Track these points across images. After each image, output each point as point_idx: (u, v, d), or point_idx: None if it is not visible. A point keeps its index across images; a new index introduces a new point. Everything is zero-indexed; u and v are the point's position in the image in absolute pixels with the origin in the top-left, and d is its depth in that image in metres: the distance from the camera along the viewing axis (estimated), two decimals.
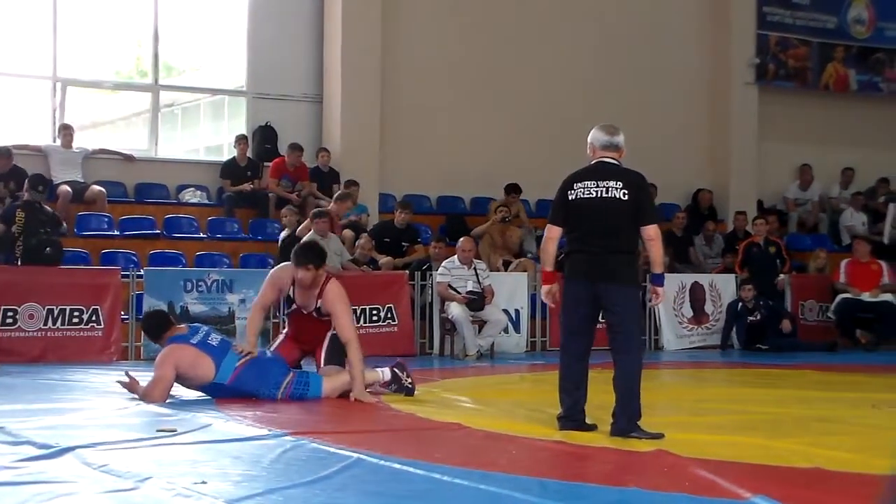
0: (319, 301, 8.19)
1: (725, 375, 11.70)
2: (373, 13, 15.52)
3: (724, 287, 14.61)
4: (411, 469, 5.08)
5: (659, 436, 6.06)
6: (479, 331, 12.61)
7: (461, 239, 12.97)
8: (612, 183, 6.34)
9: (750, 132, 17.86)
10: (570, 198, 6.44)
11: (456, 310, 12.36)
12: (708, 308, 14.47)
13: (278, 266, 8.77)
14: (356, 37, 15.41)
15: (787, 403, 7.94)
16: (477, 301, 12.48)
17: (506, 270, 13.91)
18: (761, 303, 14.09)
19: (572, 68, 16.90)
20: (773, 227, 15.84)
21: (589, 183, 6.40)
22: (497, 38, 16.55)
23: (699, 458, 5.33)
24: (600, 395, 6.57)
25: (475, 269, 12.65)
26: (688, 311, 14.36)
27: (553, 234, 6.55)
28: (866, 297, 14.42)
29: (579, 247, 6.42)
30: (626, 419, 6.20)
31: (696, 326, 14.40)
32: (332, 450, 5.58)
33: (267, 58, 15.58)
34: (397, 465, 5.17)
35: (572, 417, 6.41)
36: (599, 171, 6.45)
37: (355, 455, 5.38)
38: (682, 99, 17.77)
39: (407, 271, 13.14)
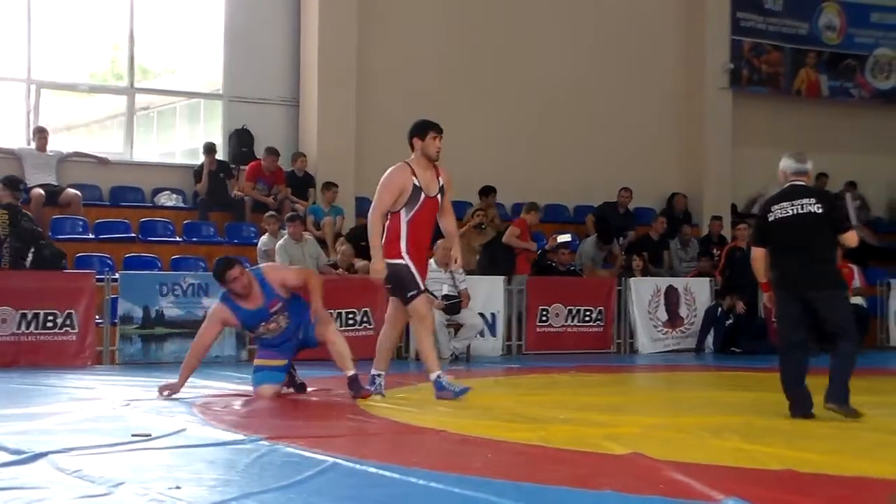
0: (441, 179, 8.26)
1: (700, 378, 11.76)
2: (349, 17, 15.53)
3: (698, 291, 14.69)
4: (386, 473, 5.09)
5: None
6: (455, 334, 12.63)
7: (439, 241, 12.97)
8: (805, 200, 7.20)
9: (724, 137, 17.97)
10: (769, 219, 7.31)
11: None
12: (682, 312, 14.54)
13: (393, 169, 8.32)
14: (332, 41, 15.41)
15: (761, 406, 7.99)
16: (453, 305, 12.50)
17: (482, 274, 13.92)
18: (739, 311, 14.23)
19: (548, 72, 16.95)
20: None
21: (784, 203, 7.26)
22: (473, 43, 16.58)
23: (673, 461, 5.35)
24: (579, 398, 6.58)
25: (451, 272, 12.66)
26: (663, 315, 14.43)
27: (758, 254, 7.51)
28: None
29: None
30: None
31: (670, 330, 14.47)
32: (307, 454, 5.58)
33: (243, 61, 15.56)
34: (372, 470, 5.17)
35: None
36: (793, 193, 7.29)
37: (330, 459, 5.38)
38: (658, 104, 17.85)
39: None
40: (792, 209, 7.20)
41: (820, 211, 7.15)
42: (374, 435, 6.71)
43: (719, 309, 14.26)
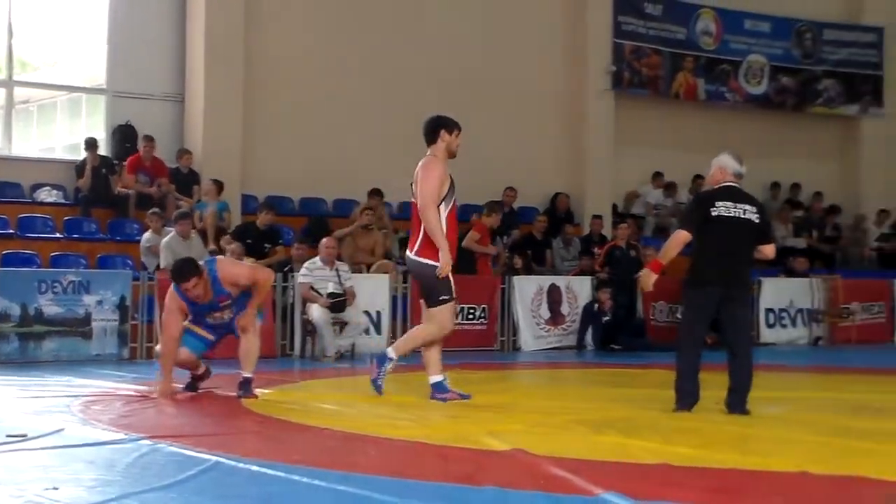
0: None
1: (581, 375, 11.96)
2: (236, 12, 15.39)
3: (580, 289, 14.94)
4: (270, 471, 5.08)
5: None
6: (341, 331, 12.64)
7: (324, 239, 13.00)
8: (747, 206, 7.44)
9: (606, 137, 18.29)
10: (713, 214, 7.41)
11: (316, 311, 12.37)
12: (564, 309, 14.77)
13: (428, 160, 8.21)
14: (219, 35, 15.26)
15: (638, 402, 8.18)
16: (339, 302, 12.51)
17: (367, 272, 13.96)
18: (616, 301, 14.52)
19: (433, 73, 17.03)
20: (634, 232, 16.30)
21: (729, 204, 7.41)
22: (360, 40, 16.58)
23: (554, 457, 5.45)
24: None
25: (337, 270, 12.68)
26: (545, 313, 14.64)
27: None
28: None
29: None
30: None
31: (552, 327, 14.68)
32: (189, 453, 5.54)
33: (127, 55, 15.31)
34: (255, 468, 5.16)
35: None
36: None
37: (213, 458, 5.36)
38: (541, 105, 18.09)
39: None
40: (735, 211, 7.40)
41: (757, 221, 7.43)
42: (257, 433, 6.68)
43: (596, 305, 14.54)
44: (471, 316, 14.16)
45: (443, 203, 7.92)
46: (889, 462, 5.59)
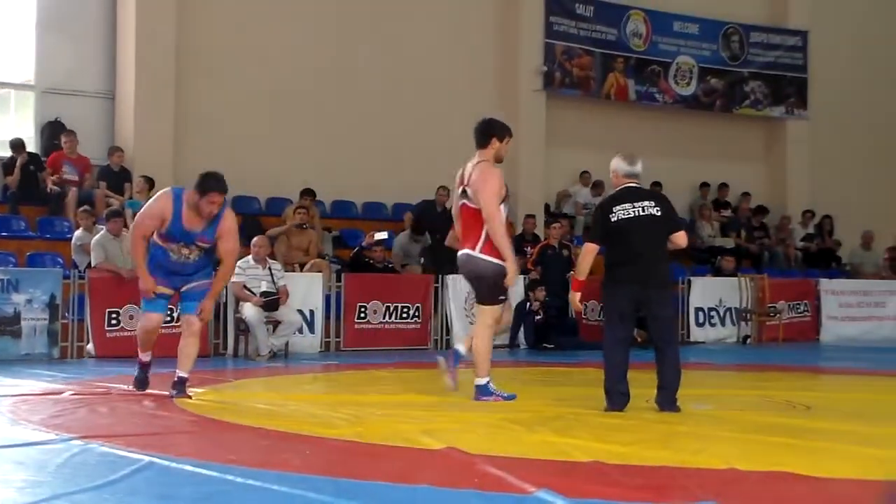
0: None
1: (513, 374, 12.01)
2: (167, 7, 15.26)
3: (512, 288, 14.96)
4: (204, 471, 5.06)
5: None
6: (274, 330, 12.59)
7: (257, 237, 12.95)
8: (645, 203, 7.52)
9: (538, 137, 18.42)
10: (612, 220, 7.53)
11: (249, 310, 12.31)
12: None
13: (486, 164, 8.21)
14: (150, 32, 15.12)
15: (571, 400, 8.26)
16: (272, 301, 12.46)
17: (301, 271, 13.92)
18: (548, 301, 14.62)
19: (365, 71, 17.04)
20: (566, 231, 16.45)
21: (626, 205, 7.53)
22: (293, 38, 16.54)
23: (487, 455, 5.49)
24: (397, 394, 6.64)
25: (270, 269, 12.64)
26: None
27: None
28: None
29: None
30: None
31: None
32: (122, 453, 5.50)
33: (57, 51, 15.11)
34: (190, 468, 5.14)
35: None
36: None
37: (147, 458, 5.32)
38: (474, 104, 18.07)
39: None
40: (633, 211, 7.51)
41: (658, 213, 7.51)
42: (190, 433, 6.64)
43: (528, 304, 14.65)
44: (405, 315, 14.18)
45: (502, 205, 8.14)
46: (814, 458, 5.72)
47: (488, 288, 8.18)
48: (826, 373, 12.66)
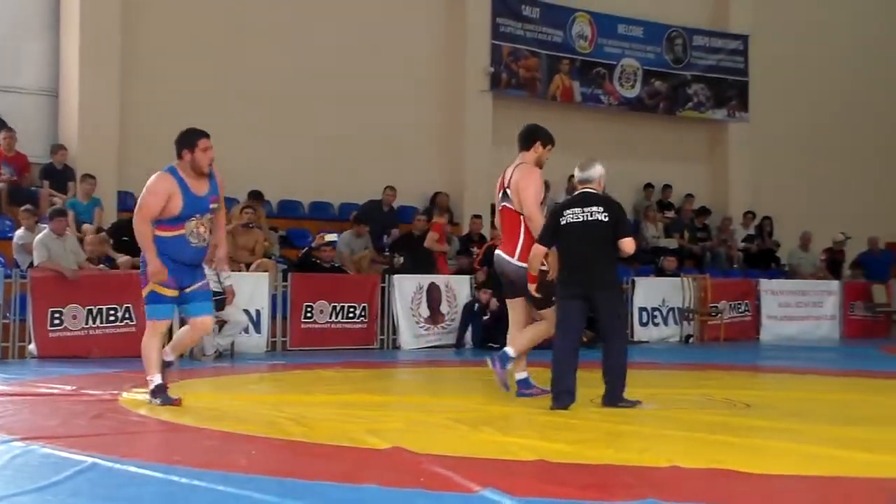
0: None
1: (459, 373, 12.08)
2: (112, 4, 15.11)
3: (459, 288, 15.09)
4: (148, 472, 5.05)
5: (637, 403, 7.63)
6: (220, 330, 12.53)
7: None
8: (594, 208, 7.71)
9: (484, 138, 18.48)
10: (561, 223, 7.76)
11: None
12: (444, 308, 14.90)
13: (527, 167, 8.40)
14: (94, 29, 14.96)
15: (516, 400, 8.32)
16: (218, 301, 12.38)
17: (247, 271, 13.86)
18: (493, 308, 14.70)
19: (312, 70, 17.00)
20: None
21: (576, 209, 7.76)
22: (238, 36, 16.45)
23: (433, 454, 5.53)
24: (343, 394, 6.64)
25: (216, 269, 12.54)
26: (425, 312, 14.75)
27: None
28: None
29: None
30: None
31: (432, 326, 14.80)
32: (65, 454, 5.46)
33: None
34: (133, 469, 5.12)
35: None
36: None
37: (90, 459, 5.29)
38: (421, 104, 18.20)
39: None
40: (582, 215, 7.73)
41: (606, 219, 7.69)
42: (135, 434, 6.61)
43: (475, 304, 14.71)
44: (351, 314, 14.18)
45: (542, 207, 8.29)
46: (753, 455, 5.83)
47: (541, 293, 8.18)
48: (765, 371, 12.86)
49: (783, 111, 22.27)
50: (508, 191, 8.40)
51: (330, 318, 14.01)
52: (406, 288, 14.66)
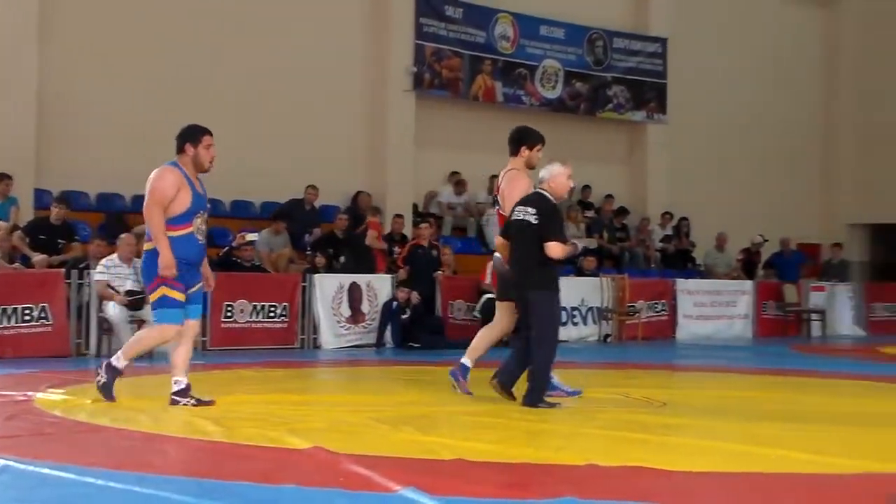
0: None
1: (379, 373, 12.09)
2: (30, 2, 14.82)
3: (380, 287, 15.08)
4: (62, 473, 4.99)
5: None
6: (139, 330, 12.37)
7: (123, 235, 12.73)
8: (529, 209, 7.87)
9: (407, 137, 18.51)
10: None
11: (113, 309, 12.10)
12: (364, 307, 14.89)
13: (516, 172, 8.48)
14: (9, 23, 14.66)
15: (436, 399, 8.36)
16: (137, 300, 12.26)
17: None
18: (414, 302, 14.74)
19: (235, 68, 16.85)
20: (435, 231, 16.60)
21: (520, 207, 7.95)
22: (159, 32, 16.26)
23: (353, 454, 5.53)
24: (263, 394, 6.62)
25: (135, 267, 12.40)
26: (346, 311, 14.72)
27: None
28: None
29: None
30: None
31: (353, 325, 14.78)
32: None
33: None
34: (47, 470, 5.06)
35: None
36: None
37: (2, 461, 5.22)
38: (344, 103, 18.15)
39: (63, 269, 12.70)
40: (519, 215, 7.91)
41: (535, 220, 7.80)
42: (49, 435, 6.50)
43: (395, 303, 14.73)
44: (272, 314, 14.11)
45: None
46: (668, 453, 5.95)
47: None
48: (681, 370, 13.08)
49: (700, 114, 22.65)
50: (499, 197, 8.58)
51: (250, 317, 13.92)
52: (327, 287, 14.62)
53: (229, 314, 13.75)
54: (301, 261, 15.54)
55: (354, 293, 14.80)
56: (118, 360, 7.72)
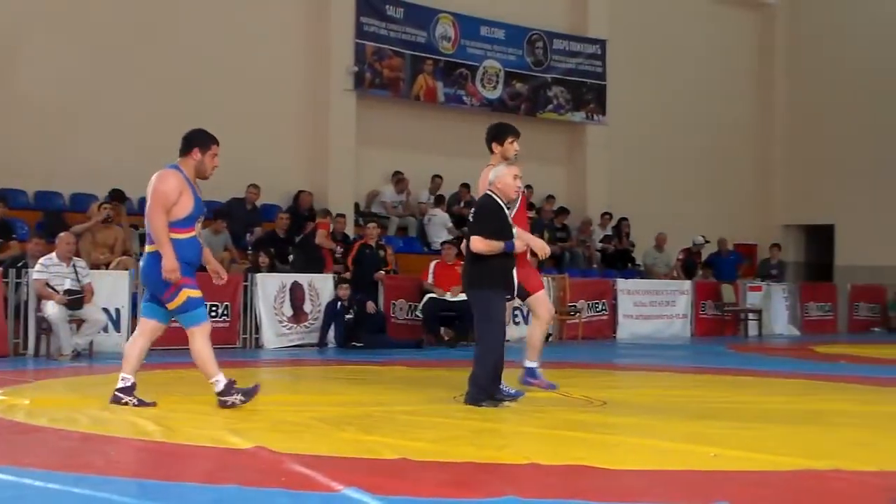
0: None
1: (322, 372, 12.08)
2: None
3: (322, 287, 15.06)
4: None
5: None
6: (78, 329, 12.27)
7: (61, 234, 12.58)
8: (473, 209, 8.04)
9: (348, 137, 18.49)
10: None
11: (52, 308, 11.96)
12: (307, 307, 14.86)
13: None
14: None
15: (379, 398, 8.38)
16: (76, 300, 12.14)
17: (107, 269, 13.59)
18: (357, 301, 14.74)
19: (174, 67, 16.74)
20: (381, 231, 16.62)
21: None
22: (98, 30, 16.12)
23: (295, 454, 5.54)
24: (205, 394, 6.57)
25: (74, 266, 12.30)
26: (288, 311, 14.68)
27: None
28: (449, 296, 15.41)
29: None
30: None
31: (295, 325, 14.74)
32: None
33: None
34: None
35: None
36: None
37: None
38: (285, 102, 18.09)
39: (0, 268, 12.53)
40: (469, 216, 8.12)
41: (471, 219, 7.99)
42: None
43: (339, 303, 14.72)
44: (213, 313, 14.01)
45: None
46: (608, 451, 6.02)
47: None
48: (621, 369, 13.21)
49: (639, 115, 22.89)
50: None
51: None
52: (269, 287, 14.57)
53: None
54: (243, 260, 15.46)
55: (297, 293, 14.77)
56: (218, 379, 7.59)
